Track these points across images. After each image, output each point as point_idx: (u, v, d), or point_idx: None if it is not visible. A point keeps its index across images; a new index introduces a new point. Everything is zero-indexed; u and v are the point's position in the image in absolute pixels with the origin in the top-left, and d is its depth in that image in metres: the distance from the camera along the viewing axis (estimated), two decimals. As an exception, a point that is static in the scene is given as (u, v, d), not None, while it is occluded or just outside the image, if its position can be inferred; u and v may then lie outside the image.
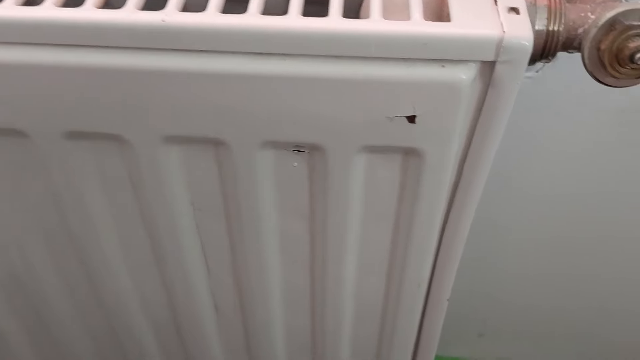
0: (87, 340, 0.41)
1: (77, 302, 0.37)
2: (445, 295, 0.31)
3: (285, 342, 0.38)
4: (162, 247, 0.32)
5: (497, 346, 0.67)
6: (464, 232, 0.30)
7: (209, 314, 0.37)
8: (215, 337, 0.38)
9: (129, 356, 0.41)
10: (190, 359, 0.40)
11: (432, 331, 0.34)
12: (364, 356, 0.37)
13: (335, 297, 0.33)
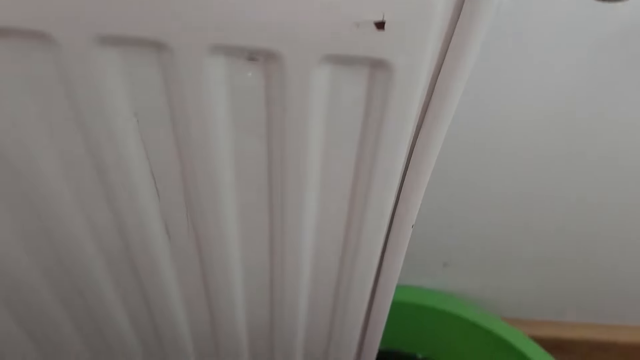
0: (38, 276, 0.38)
1: (23, 233, 0.34)
2: (411, 221, 0.30)
3: (243, 277, 0.36)
4: (105, 166, 0.29)
5: (462, 276, 0.66)
6: (432, 156, 0.28)
7: (160, 241, 0.34)
8: (168, 266, 0.36)
9: (85, 294, 0.39)
10: (144, 293, 0.38)
11: (395, 259, 0.32)
12: (324, 283, 0.36)
13: (294, 225, 0.31)
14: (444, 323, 0.67)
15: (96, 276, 0.37)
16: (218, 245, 0.33)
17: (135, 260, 0.35)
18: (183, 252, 0.34)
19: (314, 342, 0.45)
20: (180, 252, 0.34)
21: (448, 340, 0.69)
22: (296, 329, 0.41)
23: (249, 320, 0.41)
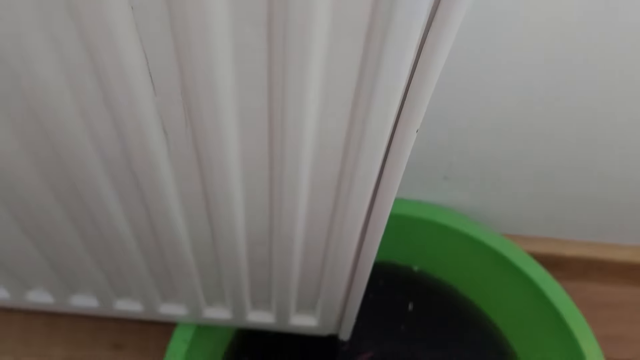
0: (37, 178, 0.37)
1: (23, 136, 0.33)
2: (415, 125, 0.28)
3: (241, 177, 0.35)
4: (100, 58, 0.28)
5: (462, 190, 0.66)
6: (440, 55, 0.27)
7: (157, 139, 0.33)
8: (166, 168, 0.35)
9: (84, 198, 0.38)
10: (143, 198, 0.37)
11: (397, 165, 0.31)
12: (323, 188, 0.35)
13: (295, 126, 0.30)
14: (441, 236, 0.67)
15: (95, 178, 0.36)
16: (216, 147, 0.32)
17: (133, 163, 0.34)
18: (181, 152, 0.32)
19: (311, 253, 0.45)
20: (178, 152, 0.33)
21: (444, 253, 0.69)
22: (294, 236, 0.41)
23: (248, 223, 0.40)
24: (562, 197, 0.66)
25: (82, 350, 0.72)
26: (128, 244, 0.43)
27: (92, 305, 0.55)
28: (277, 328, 0.58)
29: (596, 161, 0.61)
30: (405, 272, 0.73)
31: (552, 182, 0.64)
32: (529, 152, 0.59)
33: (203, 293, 0.52)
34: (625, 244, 0.72)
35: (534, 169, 0.62)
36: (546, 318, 0.63)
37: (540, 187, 0.64)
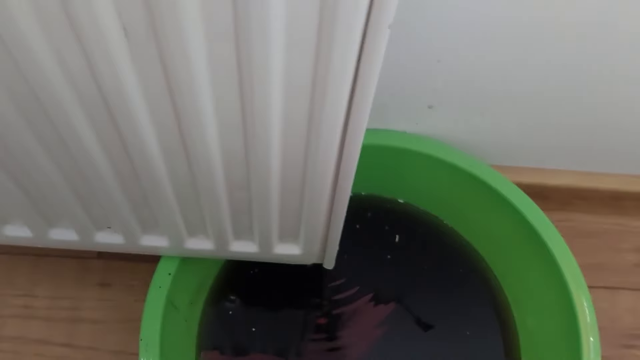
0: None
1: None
2: (386, 20, 0.27)
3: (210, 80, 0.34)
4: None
5: (447, 120, 0.65)
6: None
7: (117, 41, 0.31)
8: (130, 71, 0.33)
9: (52, 119, 0.37)
10: (110, 112, 0.36)
11: (373, 64, 0.30)
12: (296, 93, 0.34)
13: (260, 36, 0.29)
14: (426, 167, 0.66)
15: (59, 94, 0.35)
16: (182, 56, 0.31)
17: (97, 75, 0.33)
18: (143, 52, 0.31)
19: (289, 177, 0.44)
20: (141, 53, 0.31)
21: (430, 184, 0.69)
22: (269, 156, 0.40)
23: (223, 144, 0.40)
24: (548, 126, 0.65)
25: (67, 289, 0.72)
26: (101, 170, 0.42)
27: (71, 238, 0.54)
28: (261, 258, 0.58)
29: (583, 89, 0.60)
30: (391, 205, 0.73)
31: (538, 111, 0.63)
32: (516, 79, 0.59)
33: (184, 223, 0.52)
34: (611, 173, 0.72)
35: (521, 96, 0.61)
36: (531, 247, 0.64)
37: (527, 115, 0.64)
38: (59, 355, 0.69)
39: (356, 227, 0.71)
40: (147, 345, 0.56)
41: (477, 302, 0.69)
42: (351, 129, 0.37)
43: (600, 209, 0.77)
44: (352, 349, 0.65)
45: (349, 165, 0.42)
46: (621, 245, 0.77)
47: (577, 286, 0.59)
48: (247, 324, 0.66)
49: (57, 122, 0.38)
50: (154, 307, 0.58)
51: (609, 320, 0.73)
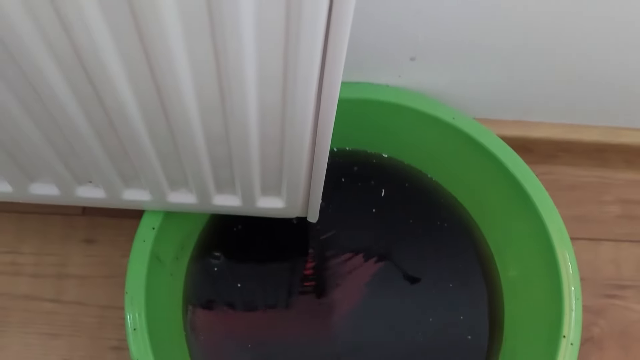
0: None
1: None
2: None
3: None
4: None
5: (430, 72, 0.64)
6: None
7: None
8: (101, 22, 0.33)
9: (22, 67, 0.36)
10: (79, 58, 0.36)
11: (343, 19, 0.30)
12: (268, 34, 0.34)
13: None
14: (409, 121, 0.66)
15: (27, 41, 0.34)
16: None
17: (67, 24, 0.33)
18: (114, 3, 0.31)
19: (267, 126, 0.44)
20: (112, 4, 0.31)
21: (413, 138, 0.69)
22: (246, 104, 0.40)
23: (198, 92, 0.39)
24: (532, 78, 0.65)
25: (53, 246, 0.72)
26: (78, 125, 0.42)
27: (53, 193, 0.54)
28: (244, 212, 0.58)
29: (566, 41, 0.59)
30: (375, 159, 0.73)
31: (522, 63, 0.63)
32: (499, 30, 0.58)
33: (165, 177, 0.52)
34: (595, 125, 0.72)
35: (504, 48, 0.60)
36: (514, 200, 0.64)
37: (510, 67, 0.63)
38: (46, 310, 0.69)
39: (341, 181, 0.71)
40: (132, 299, 0.57)
41: (461, 255, 0.69)
42: (327, 78, 0.37)
43: (584, 162, 0.77)
44: (340, 304, 0.66)
45: (327, 117, 0.41)
46: (604, 198, 0.78)
47: (560, 238, 0.60)
48: (234, 279, 0.66)
49: (31, 77, 0.37)
50: (138, 260, 0.58)
51: (591, 271, 0.74)
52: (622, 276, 0.74)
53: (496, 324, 0.66)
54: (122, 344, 0.68)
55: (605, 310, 0.72)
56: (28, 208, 0.73)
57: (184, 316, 0.64)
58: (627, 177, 0.79)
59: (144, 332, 0.55)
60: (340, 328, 0.65)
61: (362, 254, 0.68)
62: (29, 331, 0.68)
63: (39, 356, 0.67)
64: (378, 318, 0.65)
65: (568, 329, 0.56)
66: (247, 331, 0.64)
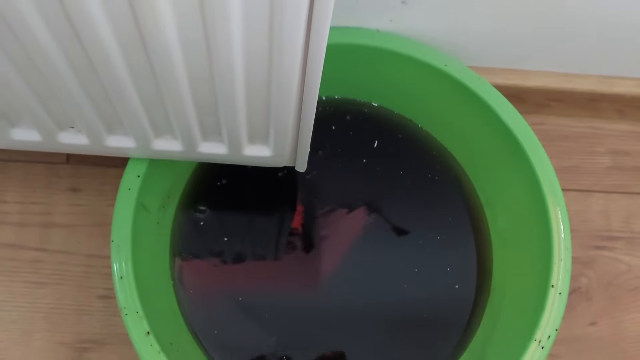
0: None
1: None
2: None
3: None
4: None
5: (422, 17, 0.63)
6: None
7: None
8: None
9: None
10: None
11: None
12: None
13: None
14: (399, 67, 0.65)
15: None
16: None
17: None
18: None
19: (252, 71, 0.43)
20: None
21: (404, 86, 0.67)
22: (231, 43, 0.38)
23: (180, 35, 0.38)
24: (525, 24, 0.64)
25: (37, 195, 0.71)
26: (57, 65, 0.41)
27: (34, 139, 0.53)
28: (231, 160, 0.57)
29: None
30: (365, 108, 0.71)
31: (515, 7, 0.61)
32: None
33: (149, 122, 0.50)
34: (587, 74, 0.71)
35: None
36: (506, 150, 0.63)
37: (503, 12, 0.62)
38: (32, 259, 0.69)
39: (330, 131, 0.70)
40: (118, 247, 0.56)
41: (450, 206, 0.69)
42: (315, 21, 0.35)
43: (576, 112, 0.76)
44: (328, 255, 0.66)
45: (315, 62, 0.40)
46: (595, 149, 0.77)
47: (551, 189, 0.59)
48: (221, 228, 0.66)
49: (7, 16, 0.36)
50: (123, 209, 0.57)
51: (581, 223, 0.74)
52: (611, 227, 0.74)
53: (484, 274, 0.66)
54: (109, 292, 0.68)
55: (594, 262, 0.73)
56: (11, 156, 0.72)
57: (171, 265, 0.64)
58: (619, 127, 0.78)
59: (131, 280, 0.55)
60: (328, 279, 0.65)
61: (351, 205, 0.68)
62: (15, 279, 0.68)
63: (26, 304, 0.67)
64: (366, 269, 0.65)
65: (557, 279, 0.56)
66: (234, 281, 0.64)
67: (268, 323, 0.62)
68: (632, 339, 0.70)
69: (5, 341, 0.66)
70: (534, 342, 0.54)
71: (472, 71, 0.63)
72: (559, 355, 0.69)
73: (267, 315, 0.63)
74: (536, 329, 0.55)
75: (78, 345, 0.66)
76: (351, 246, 0.66)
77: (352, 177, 0.69)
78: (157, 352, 0.52)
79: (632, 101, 0.73)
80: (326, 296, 0.64)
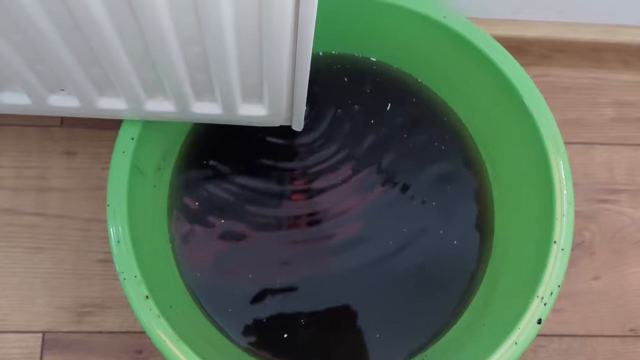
0: None
1: None
2: None
3: None
4: None
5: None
6: None
7: None
8: None
9: None
10: None
11: None
12: None
13: None
14: (398, 20, 0.63)
15: None
16: None
17: None
18: None
19: (243, 29, 0.41)
20: None
21: (403, 39, 0.66)
22: (220, 11, 0.37)
23: None
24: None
25: (32, 159, 0.70)
26: (38, 22, 0.39)
27: (24, 102, 0.52)
28: (226, 120, 0.56)
29: None
30: (363, 63, 0.70)
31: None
32: None
33: (139, 83, 0.49)
34: (590, 23, 0.69)
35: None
36: (508, 104, 0.62)
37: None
38: (29, 224, 0.68)
39: (327, 87, 0.69)
40: (114, 211, 0.55)
41: (451, 162, 0.68)
42: None
43: (579, 62, 0.74)
44: (328, 215, 0.65)
45: (307, 13, 0.39)
46: (599, 100, 0.76)
47: (553, 143, 0.58)
48: (219, 191, 0.65)
49: None
50: (118, 172, 0.56)
51: (584, 176, 0.73)
52: (615, 180, 0.73)
53: (486, 230, 0.65)
54: (108, 256, 0.67)
55: (597, 215, 0.72)
56: (4, 120, 0.71)
57: (169, 227, 0.63)
58: (623, 78, 0.76)
59: (128, 245, 0.54)
60: (330, 236, 0.64)
61: (350, 162, 0.67)
62: (13, 245, 0.68)
63: (25, 269, 0.67)
64: (368, 227, 0.65)
65: (559, 235, 0.55)
66: (234, 242, 0.63)
67: (269, 281, 0.62)
68: (636, 292, 0.70)
69: (7, 307, 0.66)
70: (537, 299, 0.54)
71: (471, 23, 0.61)
72: (562, 310, 0.68)
73: (268, 274, 0.62)
74: (538, 285, 0.54)
75: (79, 309, 0.66)
76: (351, 205, 0.66)
77: (350, 133, 0.68)
78: (157, 316, 0.52)
79: (637, 50, 0.72)
80: (329, 254, 0.64)
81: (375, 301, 0.63)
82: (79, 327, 0.65)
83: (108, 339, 0.65)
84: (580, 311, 0.69)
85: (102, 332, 0.65)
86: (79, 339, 0.65)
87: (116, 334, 0.65)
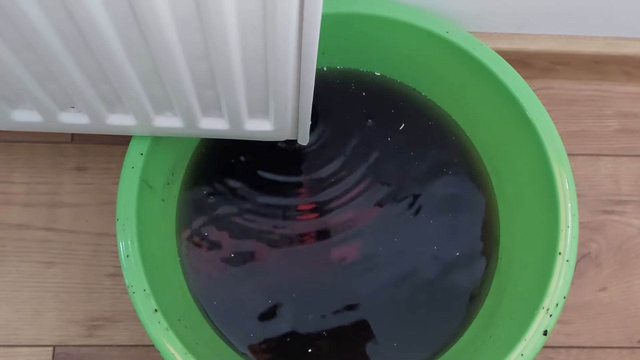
0: None
1: None
2: None
3: None
4: None
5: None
6: None
7: None
8: None
9: None
10: None
11: None
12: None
13: None
14: (402, 35, 0.64)
15: None
16: None
17: None
18: None
19: (248, 46, 0.42)
20: None
21: (406, 54, 0.66)
22: (225, 29, 0.38)
23: (172, 10, 0.37)
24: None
25: (43, 174, 0.71)
26: (49, 40, 0.40)
27: (35, 120, 0.53)
28: (233, 135, 0.57)
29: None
30: (368, 78, 0.71)
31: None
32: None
33: (148, 99, 0.50)
34: (593, 36, 0.70)
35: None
36: (511, 117, 0.62)
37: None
38: (40, 239, 0.69)
39: (332, 102, 0.70)
40: (124, 226, 0.56)
41: (456, 174, 0.68)
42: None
43: (583, 75, 0.75)
44: (335, 227, 0.66)
45: (311, 29, 0.39)
46: (603, 112, 0.76)
47: (557, 155, 0.58)
48: (227, 205, 0.66)
49: None
50: (128, 187, 0.57)
51: (589, 187, 0.73)
52: (620, 191, 0.73)
53: (491, 242, 0.65)
54: (118, 270, 0.68)
55: (603, 226, 0.72)
56: (16, 136, 0.72)
57: (178, 241, 0.64)
58: (627, 89, 0.77)
59: (137, 258, 0.55)
60: (338, 248, 0.65)
61: (355, 175, 0.67)
62: (25, 260, 0.68)
63: (36, 284, 0.68)
64: (374, 239, 0.65)
65: (564, 246, 0.56)
66: (242, 256, 0.64)
67: (277, 296, 0.63)
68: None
69: (18, 321, 0.67)
70: (542, 310, 0.54)
71: (474, 37, 0.62)
72: (569, 322, 0.69)
73: (276, 289, 0.63)
74: (544, 297, 0.54)
75: (89, 323, 0.67)
76: (356, 216, 0.66)
77: (356, 147, 0.69)
78: (165, 329, 0.53)
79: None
80: (336, 265, 0.64)
81: (383, 315, 0.63)
82: (89, 341, 0.66)
83: (118, 352, 0.66)
84: (588, 322, 0.69)
85: (112, 345, 0.66)
86: (90, 353, 0.66)
87: (126, 348, 0.66)
